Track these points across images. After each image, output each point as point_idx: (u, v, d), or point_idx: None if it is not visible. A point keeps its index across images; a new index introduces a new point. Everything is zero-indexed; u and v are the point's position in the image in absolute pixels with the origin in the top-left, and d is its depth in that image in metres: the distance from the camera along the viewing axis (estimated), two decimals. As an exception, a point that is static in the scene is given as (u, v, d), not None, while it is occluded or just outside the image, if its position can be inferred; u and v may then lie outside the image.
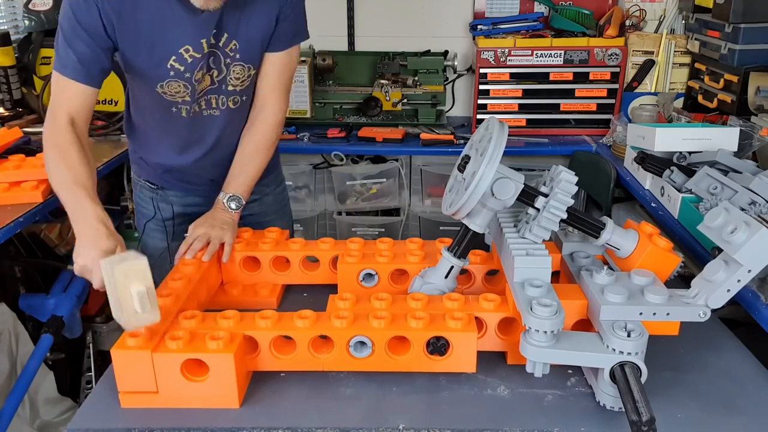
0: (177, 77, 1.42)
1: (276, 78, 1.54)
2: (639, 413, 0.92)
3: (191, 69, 1.41)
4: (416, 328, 1.10)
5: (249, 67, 1.50)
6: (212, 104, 1.53)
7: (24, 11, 2.66)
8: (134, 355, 1.05)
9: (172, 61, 1.39)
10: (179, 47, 1.38)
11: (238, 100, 1.55)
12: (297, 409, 1.08)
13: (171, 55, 1.38)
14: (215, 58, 1.45)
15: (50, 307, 2.26)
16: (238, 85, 1.51)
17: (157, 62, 1.39)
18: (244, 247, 1.43)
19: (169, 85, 1.43)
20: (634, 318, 1.07)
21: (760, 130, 1.93)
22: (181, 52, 1.39)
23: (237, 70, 1.48)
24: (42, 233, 2.30)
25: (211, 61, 1.45)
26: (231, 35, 1.42)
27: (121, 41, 1.36)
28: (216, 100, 1.52)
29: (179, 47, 1.38)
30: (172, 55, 1.38)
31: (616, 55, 2.59)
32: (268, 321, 1.12)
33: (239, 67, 1.48)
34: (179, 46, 1.38)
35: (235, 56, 1.46)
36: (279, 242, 1.46)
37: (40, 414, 2.28)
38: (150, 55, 1.38)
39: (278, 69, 1.53)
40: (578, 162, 2.51)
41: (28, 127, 2.52)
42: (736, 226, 1.05)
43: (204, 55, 1.42)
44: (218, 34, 1.41)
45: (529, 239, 1.17)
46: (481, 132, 1.21)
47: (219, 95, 1.52)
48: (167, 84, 1.43)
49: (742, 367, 1.20)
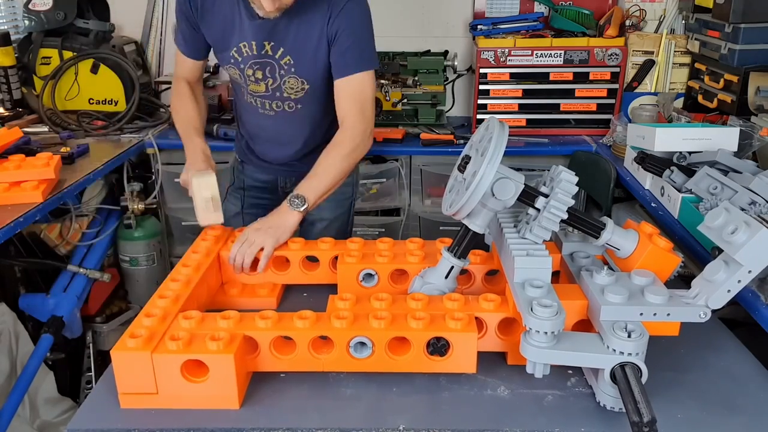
0: (234, 65, 1.67)
1: (347, 101, 1.62)
2: (640, 414, 0.92)
3: (245, 62, 1.65)
4: (416, 328, 1.09)
5: (303, 80, 1.66)
6: (266, 106, 1.73)
7: (24, 11, 2.66)
8: (134, 356, 1.05)
9: (233, 51, 1.64)
10: (239, 42, 1.62)
11: (293, 105, 1.71)
12: (297, 409, 1.08)
13: (233, 47, 1.63)
14: (270, 68, 1.64)
15: (50, 307, 2.26)
16: (292, 94, 1.69)
17: (224, 48, 1.66)
18: (244, 248, 1.43)
19: (229, 69, 1.70)
20: (634, 318, 1.07)
21: (760, 130, 1.92)
22: (240, 45, 1.62)
23: (291, 82, 1.66)
24: (42, 233, 2.30)
25: (267, 71, 1.65)
26: (286, 50, 1.61)
27: (204, 28, 1.66)
28: (270, 104, 1.72)
29: (239, 42, 1.62)
30: (234, 47, 1.63)
31: (616, 55, 2.59)
32: (268, 321, 1.12)
33: (293, 79, 1.65)
34: (239, 41, 1.62)
35: (290, 69, 1.64)
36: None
37: (40, 414, 2.28)
38: (220, 42, 1.66)
39: (346, 93, 1.62)
40: (578, 162, 2.50)
41: (28, 127, 2.53)
42: (737, 226, 1.05)
43: (255, 54, 1.62)
44: (275, 47, 1.61)
45: (529, 239, 1.17)
46: (482, 132, 1.21)
47: (273, 101, 1.71)
48: (228, 68, 1.70)
49: (742, 367, 1.20)
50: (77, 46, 2.67)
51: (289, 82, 1.65)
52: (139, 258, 2.59)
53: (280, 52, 1.61)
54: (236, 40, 1.62)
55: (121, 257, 2.61)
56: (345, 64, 1.59)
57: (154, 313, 1.14)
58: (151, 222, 2.63)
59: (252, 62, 1.64)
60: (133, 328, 1.11)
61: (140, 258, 2.59)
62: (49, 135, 2.46)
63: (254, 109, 1.76)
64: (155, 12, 3.00)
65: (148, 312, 1.15)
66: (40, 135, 2.45)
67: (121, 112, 2.64)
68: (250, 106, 1.76)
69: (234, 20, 1.60)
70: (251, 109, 1.77)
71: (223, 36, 1.64)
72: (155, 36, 3.03)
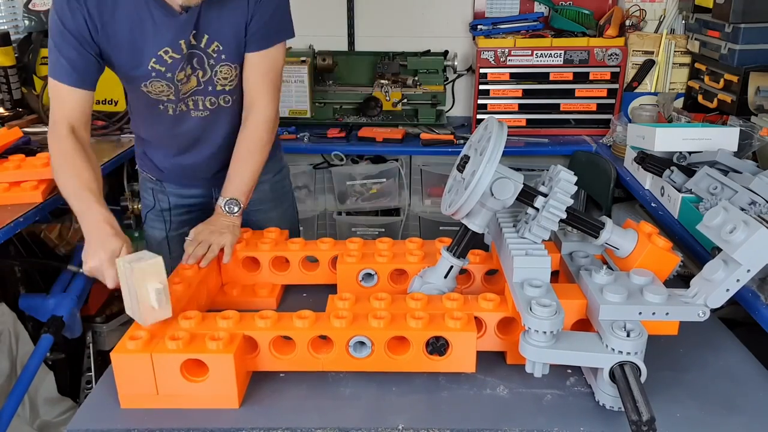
0: (159, 77, 1.45)
1: (260, 78, 1.52)
2: (639, 413, 0.92)
3: (172, 69, 1.45)
4: (416, 328, 1.10)
5: (236, 66, 1.51)
6: (199, 105, 1.55)
7: (24, 11, 2.66)
8: (134, 358, 1.05)
9: (152, 63, 1.43)
10: (158, 49, 1.41)
11: (228, 99, 1.56)
12: (297, 409, 1.08)
13: (151, 57, 1.42)
14: (198, 59, 1.47)
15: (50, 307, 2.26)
16: (227, 85, 1.53)
17: (138, 63, 1.43)
18: (243, 248, 1.43)
19: (152, 84, 1.47)
20: (633, 317, 1.07)
21: (759, 130, 1.92)
22: (161, 54, 1.42)
23: (224, 71, 1.50)
24: (42, 233, 2.30)
25: (195, 62, 1.47)
26: (212, 36, 1.44)
27: (104, 44, 1.40)
28: (203, 101, 1.54)
29: (158, 49, 1.41)
30: (152, 57, 1.42)
31: (616, 55, 2.59)
32: (267, 321, 1.12)
33: (225, 67, 1.50)
34: (158, 48, 1.41)
35: (220, 56, 1.48)
36: (278, 242, 1.46)
37: (40, 414, 2.28)
38: (131, 57, 1.42)
39: (260, 69, 1.51)
40: (578, 162, 2.51)
41: (28, 127, 2.52)
42: (735, 225, 1.05)
43: (183, 56, 1.44)
44: (198, 35, 1.43)
45: (528, 239, 1.17)
46: (480, 132, 1.21)
47: (207, 96, 1.54)
48: (150, 83, 1.47)
49: (742, 367, 1.20)
50: (77, 46, 2.67)
51: (221, 71, 1.50)
52: (139, 258, 2.59)
53: (205, 39, 1.44)
54: (153, 48, 1.41)
55: (121, 257, 2.61)
56: (265, 36, 1.48)
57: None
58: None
59: (183, 64, 1.45)
60: (133, 330, 1.11)
61: (140, 258, 2.59)
62: (49, 135, 2.46)
63: (182, 118, 1.56)
64: (155, 12, 2.99)
65: (148, 312, 1.15)
66: (40, 135, 2.45)
67: (120, 112, 2.64)
68: (175, 116, 1.55)
69: (145, 25, 1.38)
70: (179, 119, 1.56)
71: (134, 48, 1.40)
72: (155, 36, 3.02)
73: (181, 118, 1.56)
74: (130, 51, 1.41)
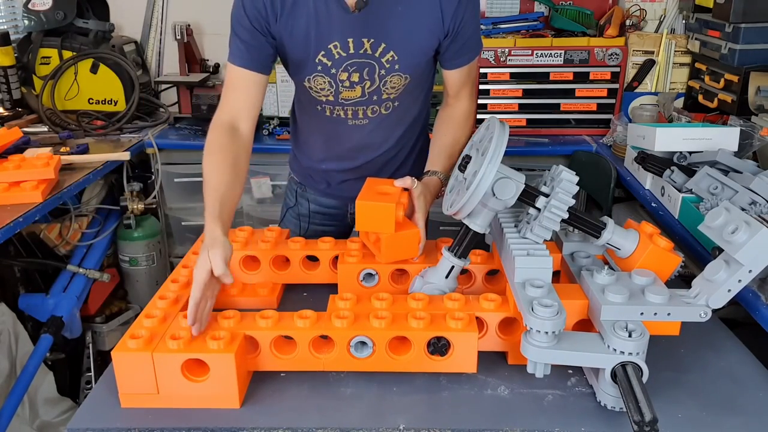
0: (323, 72, 1.44)
1: (462, 83, 1.54)
2: (641, 413, 0.92)
3: (337, 66, 1.43)
4: (417, 328, 1.09)
5: (407, 77, 1.47)
6: (359, 114, 1.52)
7: (24, 11, 2.66)
8: (135, 357, 1.05)
9: (320, 56, 1.41)
10: (329, 43, 1.40)
11: (390, 105, 1.52)
12: (297, 409, 1.08)
13: (320, 50, 1.41)
14: (370, 69, 1.43)
15: (50, 307, 2.26)
16: (392, 93, 1.50)
17: (307, 55, 1.42)
18: (243, 247, 1.43)
19: (315, 79, 1.45)
20: (634, 318, 1.07)
21: (760, 130, 1.92)
22: (330, 47, 1.40)
23: (394, 80, 1.46)
24: (42, 233, 2.30)
25: (365, 73, 1.44)
26: (389, 45, 1.40)
27: (280, 32, 1.39)
28: (364, 111, 1.52)
29: (329, 43, 1.40)
30: (321, 50, 1.41)
31: (616, 54, 2.59)
32: (268, 321, 1.12)
33: (397, 77, 1.46)
34: (329, 41, 1.39)
35: (393, 67, 1.44)
36: (279, 242, 1.45)
37: (39, 414, 2.28)
38: (303, 48, 1.41)
39: (464, 77, 1.54)
40: (578, 162, 2.50)
41: (28, 127, 2.52)
42: (737, 226, 1.05)
43: (352, 54, 1.41)
44: (376, 44, 1.40)
45: (530, 239, 1.17)
46: (482, 132, 1.21)
47: (369, 105, 1.51)
48: (314, 78, 1.45)
49: (743, 368, 1.20)
50: (77, 45, 2.67)
51: (391, 81, 1.45)
52: (138, 258, 2.59)
53: (381, 48, 1.40)
54: (324, 41, 1.39)
55: (120, 257, 2.61)
56: (464, 54, 1.48)
57: (155, 314, 1.14)
58: (150, 222, 2.63)
59: (347, 64, 1.42)
60: (134, 329, 1.11)
61: (140, 258, 2.59)
62: (49, 135, 2.46)
63: (337, 122, 1.54)
64: (155, 12, 3.00)
65: (149, 313, 1.15)
66: (39, 135, 2.45)
67: (120, 112, 2.64)
68: (332, 119, 1.53)
69: (320, 17, 1.37)
70: (335, 122, 1.54)
71: (307, 39, 1.39)
72: (155, 36, 3.03)
73: (337, 123, 1.54)
74: (304, 42, 1.40)
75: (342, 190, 1.70)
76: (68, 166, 2.13)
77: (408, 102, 1.54)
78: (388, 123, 1.56)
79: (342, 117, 1.53)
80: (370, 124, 1.54)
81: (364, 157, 1.61)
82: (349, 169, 1.65)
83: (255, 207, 2.68)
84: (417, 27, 1.40)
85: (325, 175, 1.69)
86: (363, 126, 1.54)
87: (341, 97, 1.48)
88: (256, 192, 2.63)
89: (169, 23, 2.99)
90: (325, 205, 1.75)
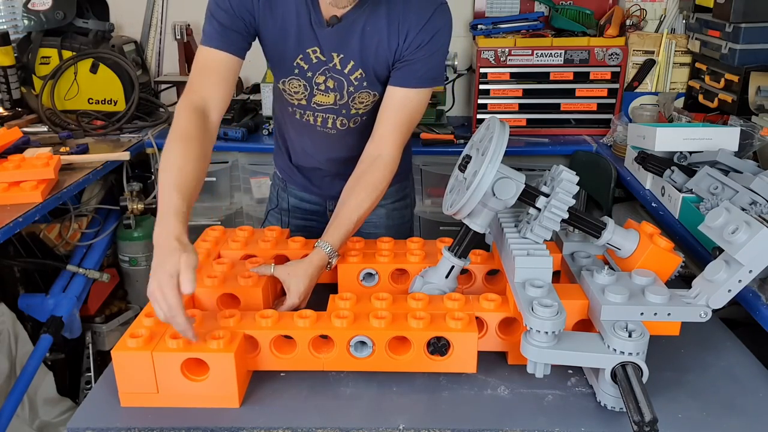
0: (300, 75, 1.45)
1: (398, 117, 1.43)
2: (641, 413, 0.92)
3: (314, 69, 1.43)
4: (417, 328, 1.09)
5: (375, 94, 1.47)
6: (328, 123, 1.53)
7: (23, 11, 2.66)
8: (135, 356, 1.05)
9: (298, 59, 1.42)
10: (308, 47, 1.40)
11: (358, 120, 1.54)
12: (297, 408, 1.07)
13: (299, 54, 1.41)
14: (338, 83, 1.45)
15: (49, 307, 2.26)
16: (361, 109, 1.51)
17: (286, 56, 1.42)
18: (243, 247, 1.43)
19: (290, 82, 1.46)
20: (635, 318, 1.07)
21: (760, 129, 1.92)
22: (309, 51, 1.41)
23: (362, 97, 1.47)
24: (41, 233, 2.30)
25: (335, 85, 1.45)
26: (357, 63, 1.41)
27: (263, 27, 1.38)
28: (333, 121, 1.52)
29: (308, 47, 1.40)
30: (300, 54, 1.41)
31: (616, 54, 2.58)
32: (268, 320, 1.12)
33: (365, 93, 1.47)
34: (308, 45, 1.40)
35: (362, 84, 1.45)
36: (279, 241, 1.45)
37: (39, 414, 2.28)
38: (283, 47, 1.41)
39: (402, 107, 1.42)
40: (578, 162, 2.50)
41: (28, 127, 2.52)
42: (737, 226, 1.05)
43: (324, 61, 1.41)
44: (345, 60, 1.41)
45: (530, 239, 1.17)
46: (482, 131, 1.21)
47: (338, 116, 1.52)
48: (289, 81, 1.46)
49: (743, 368, 1.20)
50: (76, 45, 2.67)
51: (359, 97, 1.47)
52: (138, 258, 2.59)
53: (350, 65, 1.42)
54: (304, 45, 1.40)
55: (120, 257, 2.61)
56: (413, 76, 1.40)
57: (155, 314, 1.13)
58: (150, 222, 2.63)
59: (325, 68, 1.43)
60: (134, 328, 1.11)
61: (140, 258, 2.59)
62: (49, 135, 2.46)
63: (307, 127, 1.56)
64: (154, 11, 3.00)
65: (149, 312, 1.15)
66: (39, 135, 2.45)
67: (120, 112, 2.64)
68: (302, 122, 1.55)
69: (301, 24, 1.38)
70: (304, 127, 1.56)
71: (287, 39, 1.40)
72: (154, 36, 3.03)
73: (306, 127, 1.55)
74: (284, 41, 1.40)
75: (320, 187, 1.72)
76: (68, 166, 2.13)
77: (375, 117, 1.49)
78: (356, 136, 1.54)
79: (311, 123, 1.54)
80: (338, 134, 1.56)
81: (332, 161, 1.63)
82: (319, 169, 1.67)
83: (255, 207, 2.68)
84: (381, 47, 1.39)
85: (301, 171, 1.71)
86: (331, 135, 1.56)
87: (314, 101, 1.49)
88: (256, 192, 2.63)
89: (168, 23, 2.99)
90: (306, 200, 1.77)
